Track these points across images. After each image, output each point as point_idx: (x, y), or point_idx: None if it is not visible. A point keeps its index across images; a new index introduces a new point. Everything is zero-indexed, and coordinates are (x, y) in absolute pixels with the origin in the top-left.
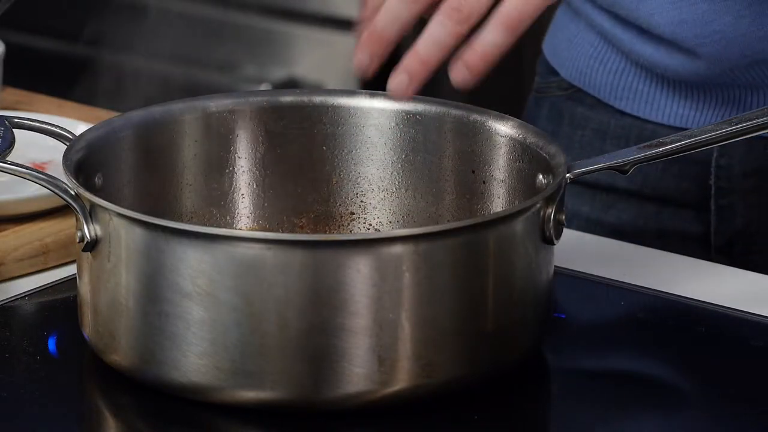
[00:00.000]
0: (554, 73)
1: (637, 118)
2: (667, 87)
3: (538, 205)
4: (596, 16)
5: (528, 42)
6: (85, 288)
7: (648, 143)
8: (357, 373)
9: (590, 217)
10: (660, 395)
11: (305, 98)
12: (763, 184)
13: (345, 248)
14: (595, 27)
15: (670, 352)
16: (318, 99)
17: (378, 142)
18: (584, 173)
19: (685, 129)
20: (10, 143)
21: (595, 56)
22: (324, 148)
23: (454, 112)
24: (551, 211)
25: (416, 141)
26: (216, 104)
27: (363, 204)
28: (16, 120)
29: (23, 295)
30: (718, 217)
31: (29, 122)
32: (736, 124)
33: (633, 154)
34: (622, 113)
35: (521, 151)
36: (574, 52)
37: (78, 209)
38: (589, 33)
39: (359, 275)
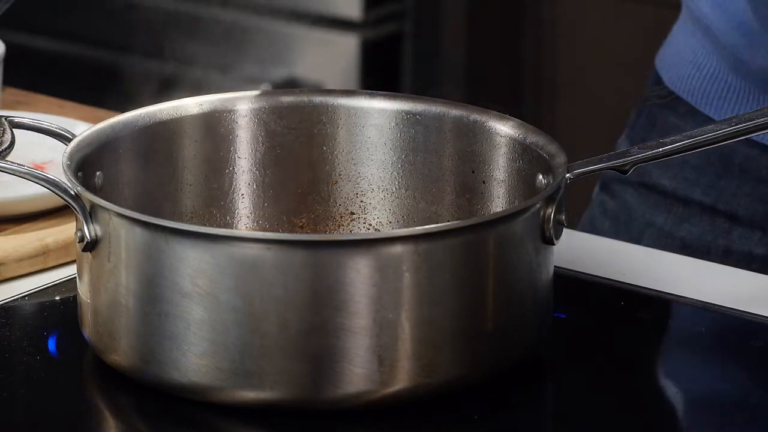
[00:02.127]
0: (659, 81)
1: None
2: (753, 98)
3: (538, 205)
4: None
5: (529, 42)
6: (85, 288)
7: (648, 143)
8: (357, 373)
9: (663, 229)
10: (659, 395)
11: (305, 98)
12: None
13: (345, 248)
14: (699, 25)
15: (669, 352)
16: (318, 99)
17: (378, 142)
18: (584, 173)
19: (764, 144)
20: (10, 143)
21: (694, 61)
22: (324, 148)
23: (454, 112)
24: (551, 211)
25: (416, 141)
26: (216, 104)
27: (363, 204)
28: (16, 120)
29: (23, 295)
30: None
31: (29, 122)
32: (736, 124)
33: (633, 154)
34: (710, 122)
35: (521, 151)
36: (678, 57)
37: (78, 209)
38: (693, 37)
39: (359, 275)
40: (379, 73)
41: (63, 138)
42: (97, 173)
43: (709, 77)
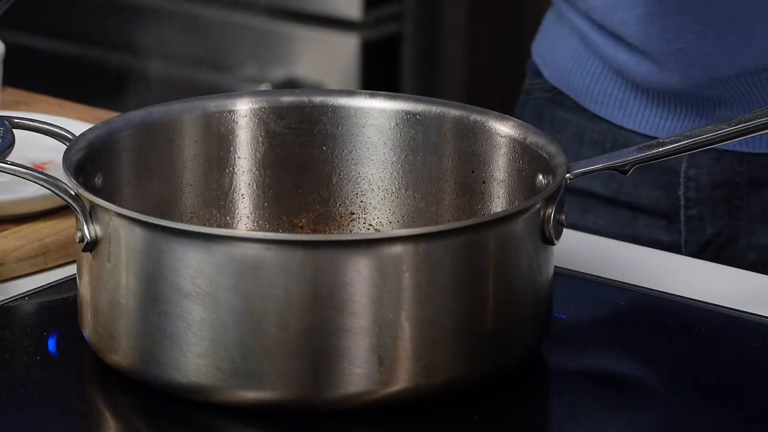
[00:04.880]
0: (539, 74)
1: (612, 124)
2: (638, 94)
3: (538, 206)
4: (576, 20)
5: (528, 42)
6: (85, 288)
7: (648, 143)
8: (357, 373)
9: (569, 221)
10: (660, 395)
11: (305, 98)
12: (731, 195)
13: (345, 248)
14: (575, 30)
15: (669, 352)
16: (318, 99)
17: (378, 142)
18: (584, 173)
19: (654, 137)
20: (10, 143)
21: (574, 59)
22: (324, 148)
23: (454, 112)
24: (551, 211)
25: (416, 141)
26: (216, 104)
27: (363, 204)
28: (16, 120)
29: (23, 295)
30: (688, 227)
31: (29, 122)
32: (736, 125)
33: (633, 154)
34: (599, 118)
35: (521, 151)
36: (557, 54)
37: (78, 209)
38: (571, 36)
39: (359, 275)
40: (379, 73)
41: (63, 138)
42: (97, 173)
43: (591, 75)
